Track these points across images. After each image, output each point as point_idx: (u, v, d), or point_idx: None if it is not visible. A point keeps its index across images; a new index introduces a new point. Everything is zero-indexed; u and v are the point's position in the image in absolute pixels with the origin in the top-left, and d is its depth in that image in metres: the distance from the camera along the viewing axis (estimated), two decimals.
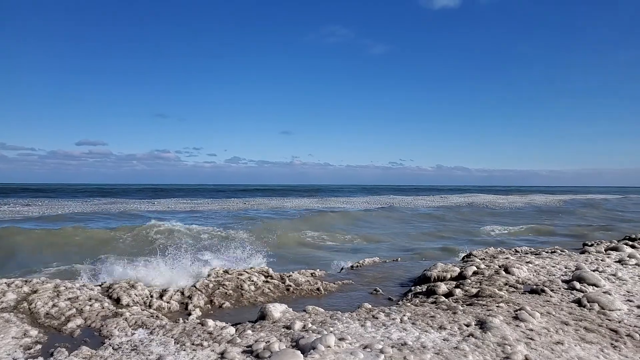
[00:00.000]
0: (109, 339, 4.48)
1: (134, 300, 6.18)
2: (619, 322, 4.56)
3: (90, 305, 5.59)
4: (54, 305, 5.50)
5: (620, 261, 7.86)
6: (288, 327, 4.50)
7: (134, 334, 4.61)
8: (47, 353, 4.17)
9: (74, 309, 5.47)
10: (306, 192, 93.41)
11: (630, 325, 4.44)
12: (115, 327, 4.86)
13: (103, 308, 5.60)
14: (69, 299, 5.75)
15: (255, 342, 4.00)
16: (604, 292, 5.55)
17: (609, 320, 4.61)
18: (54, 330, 5.00)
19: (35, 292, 5.84)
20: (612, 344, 3.96)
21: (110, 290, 6.41)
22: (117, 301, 6.10)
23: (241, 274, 7.65)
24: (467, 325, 4.34)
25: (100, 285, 6.73)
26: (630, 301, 5.33)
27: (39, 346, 4.43)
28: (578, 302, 5.20)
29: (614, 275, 6.70)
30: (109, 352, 4.03)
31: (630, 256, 8.12)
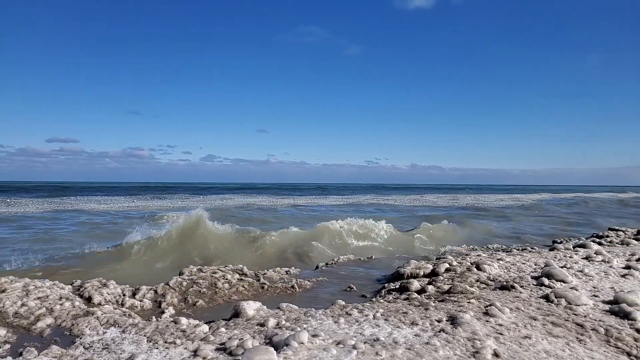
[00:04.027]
0: (80, 338, 4.41)
1: (105, 299, 6.10)
2: (585, 316, 4.69)
3: (61, 304, 5.50)
4: (22, 305, 5.39)
5: (587, 258, 8.08)
6: (262, 325, 4.51)
7: (106, 332, 4.55)
8: (16, 352, 4.09)
9: (44, 308, 5.37)
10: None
11: (595, 320, 4.57)
12: (86, 326, 4.79)
13: (74, 307, 5.51)
14: (39, 298, 5.64)
15: (229, 339, 3.99)
16: (571, 288, 5.70)
17: (575, 315, 4.75)
18: (23, 330, 4.90)
19: (3, 291, 5.72)
20: (577, 338, 4.08)
21: (81, 289, 6.31)
22: (88, 300, 6.01)
23: (215, 272, 7.62)
24: (439, 321, 4.41)
25: (71, 284, 6.62)
26: (596, 296, 5.49)
27: (7, 346, 4.34)
28: (546, 297, 5.34)
29: (581, 271, 6.89)
30: (80, 351, 3.98)
31: (596, 253, 8.36)
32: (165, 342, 4.08)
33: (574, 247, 9.86)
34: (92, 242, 13.18)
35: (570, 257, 8.38)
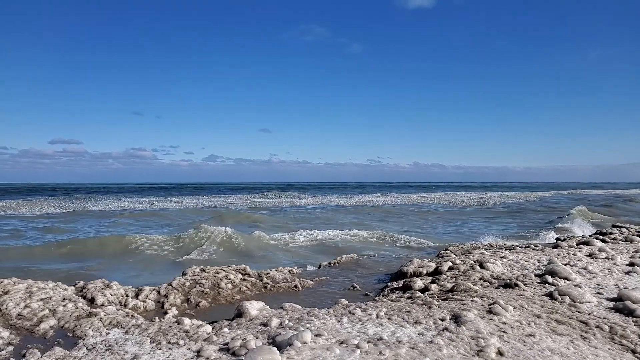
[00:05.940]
0: (83, 340, 4.42)
1: (108, 300, 6.09)
2: (589, 314, 4.67)
3: (64, 306, 5.50)
4: (26, 306, 5.39)
5: (591, 255, 8.05)
6: (265, 325, 4.50)
7: (109, 333, 4.55)
8: (19, 354, 4.09)
9: (47, 310, 5.37)
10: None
11: (599, 317, 4.55)
12: (89, 327, 4.79)
13: (77, 308, 5.50)
14: (42, 299, 5.64)
15: (232, 339, 3.99)
16: (575, 285, 5.68)
17: (579, 312, 4.73)
18: (26, 332, 4.90)
19: (6, 292, 5.71)
20: (582, 336, 4.06)
21: (84, 290, 6.31)
22: (91, 301, 6.00)
23: (218, 272, 7.61)
24: (442, 320, 4.40)
25: (74, 285, 6.62)
26: (600, 294, 5.46)
27: (10, 347, 4.34)
28: (550, 295, 5.32)
29: (584, 268, 6.86)
30: (83, 353, 3.98)
31: (600, 250, 8.32)
32: (169, 343, 4.08)
33: (577, 245, 9.83)
34: None
35: (573, 254, 8.35)
